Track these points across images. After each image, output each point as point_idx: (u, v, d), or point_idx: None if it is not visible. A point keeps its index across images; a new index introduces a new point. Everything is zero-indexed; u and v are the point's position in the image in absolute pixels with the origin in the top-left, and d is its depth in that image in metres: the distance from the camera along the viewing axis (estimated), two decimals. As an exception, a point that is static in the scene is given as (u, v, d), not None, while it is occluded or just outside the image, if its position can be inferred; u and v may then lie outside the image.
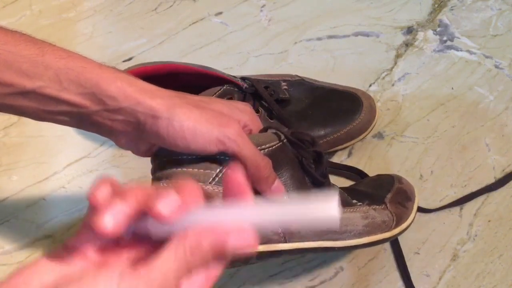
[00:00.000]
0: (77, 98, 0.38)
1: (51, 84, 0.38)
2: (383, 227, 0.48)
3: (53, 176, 0.62)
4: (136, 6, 0.78)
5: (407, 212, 0.51)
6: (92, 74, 0.38)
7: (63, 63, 0.38)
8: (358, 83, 0.68)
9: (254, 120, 0.45)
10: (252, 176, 0.40)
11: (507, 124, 0.65)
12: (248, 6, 0.78)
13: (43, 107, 0.39)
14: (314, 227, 0.42)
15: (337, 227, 0.36)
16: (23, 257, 0.56)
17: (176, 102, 0.39)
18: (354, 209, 0.47)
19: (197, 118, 0.39)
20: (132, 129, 0.40)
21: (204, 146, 0.39)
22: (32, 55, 0.37)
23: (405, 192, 0.53)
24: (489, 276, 0.55)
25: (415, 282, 0.54)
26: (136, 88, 0.39)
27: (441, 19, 0.76)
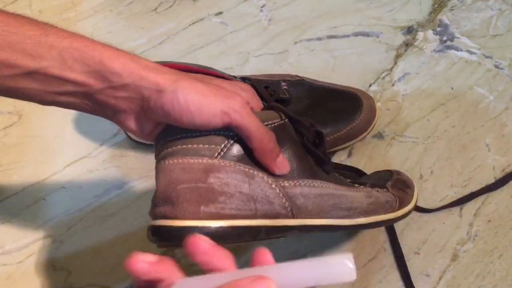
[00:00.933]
0: (82, 76, 0.38)
1: (55, 63, 0.38)
2: (387, 207, 0.49)
3: (53, 176, 0.62)
4: (136, 6, 0.78)
5: (408, 197, 0.52)
6: (95, 52, 0.38)
7: (67, 43, 0.38)
8: (358, 83, 0.68)
9: (255, 99, 0.45)
10: (256, 149, 0.41)
11: (507, 124, 0.66)
12: (248, 6, 0.78)
13: (48, 87, 0.39)
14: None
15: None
16: (23, 257, 0.56)
17: (180, 77, 0.39)
18: (357, 189, 0.48)
19: (201, 91, 0.39)
20: (136, 106, 0.40)
21: (209, 119, 0.39)
22: (36, 35, 0.37)
23: (404, 181, 0.54)
24: (489, 276, 0.55)
25: (415, 282, 0.54)
26: (140, 64, 0.39)
27: (441, 19, 0.76)
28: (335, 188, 0.46)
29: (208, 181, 0.40)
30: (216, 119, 0.39)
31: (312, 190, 0.45)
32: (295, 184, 0.44)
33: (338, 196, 0.46)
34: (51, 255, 0.56)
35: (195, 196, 0.39)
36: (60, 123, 0.66)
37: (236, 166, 0.41)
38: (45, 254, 0.56)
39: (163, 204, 0.40)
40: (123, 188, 0.61)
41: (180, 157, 0.40)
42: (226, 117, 0.39)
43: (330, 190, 0.46)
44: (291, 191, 0.43)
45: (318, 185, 0.45)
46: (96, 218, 0.59)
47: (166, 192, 0.40)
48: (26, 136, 0.65)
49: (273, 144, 0.42)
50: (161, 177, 0.41)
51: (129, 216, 0.59)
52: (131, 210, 0.59)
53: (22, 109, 0.67)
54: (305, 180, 0.44)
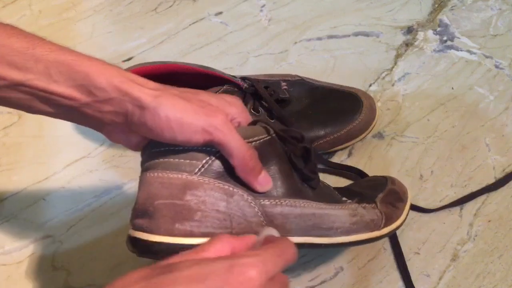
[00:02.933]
0: (67, 90, 0.39)
1: (41, 77, 0.38)
2: (371, 225, 0.48)
3: (53, 176, 0.62)
4: (136, 6, 0.78)
5: (397, 212, 0.51)
6: (81, 66, 0.38)
7: (53, 56, 0.38)
8: (358, 83, 0.68)
9: (243, 113, 0.45)
10: (238, 167, 0.41)
11: (507, 124, 0.65)
12: (248, 6, 0.78)
13: (34, 99, 0.40)
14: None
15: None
16: (23, 257, 0.56)
17: (163, 93, 0.39)
18: (342, 206, 0.47)
19: (183, 108, 0.39)
20: (121, 121, 0.40)
21: (190, 136, 0.39)
22: (23, 48, 0.38)
23: (397, 193, 0.52)
24: (489, 276, 0.55)
25: (415, 282, 0.54)
26: (124, 79, 0.39)
27: (441, 19, 0.76)
28: (318, 207, 0.46)
29: (185, 198, 0.40)
30: (198, 136, 0.39)
31: (293, 210, 0.44)
32: (276, 203, 0.44)
33: (320, 216, 0.45)
34: (51, 255, 0.56)
35: (170, 213, 0.40)
36: (60, 123, 0.65)
37: (215, 183, 0.41)
38: (45, 254, 0.56)
39: (141, 216, 0.41)
40: (123, 188, 0.61)
41: (161, 171, 0.41)
42: (207, 135, 0.39)
43: (312, 209, 0.45)
44: (270, 210, 0.43)
45: (300, 205, 0.45)
46: (96, 218, 0.59)
47: (145, 205, 0.41)
48: (26, 136, 0.65)
49: (255, 162, 0.42)
50: (142, 189, 0.41)
51: (129, 216, 0.58)
52: (131, 210, 0.59)
53: (22, 109, 0.67)
54: (287, 200, 0.44)
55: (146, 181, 0.41)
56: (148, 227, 0.40)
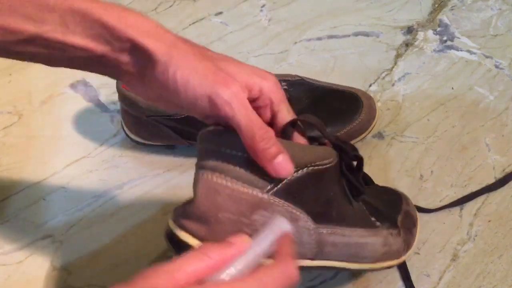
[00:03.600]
0: (84, 41, 0.37)
1: (57, 27, 0.37)
2: (395, 255, 0.49)
3: (53, 176, 0.62)
4: (136, 6, 0.78)
5: (413, 239, 0.51)
6: (97, 15, 0.37)
7: (67, 5, 0.37)
8: (358, 83, 0.68)
9: (274, 89, 0.41)
10: (247, 147, 0.37)
11: (507, 124, 0.65)
12: (248, 6, 0.78)
13: (51, 51, 0.38)
14: None
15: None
16: (23, 257, 0.56)
17: (177, 49, 0.37)
18: (376, 233, 0.47)
19: (192, 69, 0.37)
20: (137, 72, 0.39)
21: (194, 101, 0.37)
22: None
23: (411, 216, 0.52)
24: (489, 276, 0.55)
25: (415, 282, 0.54)
26: (142, 28, 0.37)
27: (441, 19, 0.76)
28: (360, 235, 0.45)
29: (252, 217, 0.38)
30: (202, 103, 0.37)
31: (342, 239, 0.44)
32: (332, 232, 0.43)
33: (360, 245, 0.45)
34: (51, 255, 0.56)
35: (233, 229, 0.38)
36: (60, 123, 0.66)
37: (285, 205, 0.40)
38: (45, 254, 0.56)
39: (197, 221, 0.39)
40: (123, 188, 0.61)
41: (231, 181, 0.38)
42: (212, 104, 0.37)
43: (356, 238, 0.45)
44: (325, 239, 0.43)
45: (348, 233, 0.45)
46: (96, 218, 0.59)
47: (206, 213, 0.38)
48: (26, 136, 0.65)
49: (267, 143, 0.37)
50: (203, 193, 0.39)
51: (129, 216, 0.59)
52: (131, 210, 0.59)
53: (22, 109, 0.67)
54: (342, 228, 0.44)
55: (212, 187, 0.39)
56: (203, 236, 0.38)
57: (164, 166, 0.62)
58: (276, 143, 0.38)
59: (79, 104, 0.67)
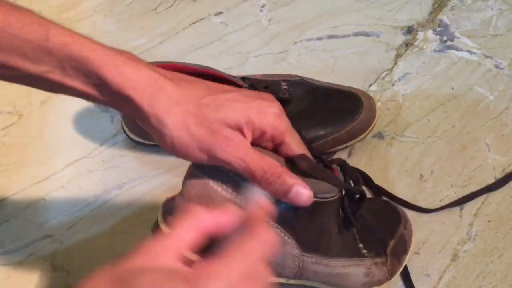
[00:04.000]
0: (83, 87, 0.38)
1: (55, 70, 0.37)
2: (377, 283, 0.49)
3: (53, 176, 0.62)
4: (136, 6, 0.78)
5: (399, 268, 0.51)
6: (94, 65, 0.37)
7: (66, 51, 0.37)
8: (358, 83, 0.68)
9: (277, 124, 0.41)
10: (261, 187, 0.39)
11: (507, 124, 0.65)
12: (248, 6, 0.78)
13: (52, 88, 0.39)
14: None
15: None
16: (23, 257, 0.56)
17: (173, 112, 0.38)
18: (359, 262, 0.48)
19: (189, 136, 0.38)
20: (139, 120, 0.40)
21: (196, 160, 0.39)
22: (36, 40, 0.36)
23: (405, 242, 0.52)
24: (489, 276, 0.55)
25: (415, 282, 0.54)
26: (138, 86, 0.37)
27: (441, 19, 0.76)
28: (343, 266, 0.46)
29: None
30: (202, 160, 0.38)
31: (324, 270, 0.45)
32: (316, 261, 0.44)
33: (342, 276, 0.46)
34: (51, 255, 0.56)
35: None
36: (60, 123, 0.66)
37: (275, 228, 0.40)
38: (45, 254, 0.56)
39: None
40: (123, 188, 0.61)
41: (226, 190, 0.39)
42: (213, 162, 0.38)
43: (338, 269, 0.46)
44: (308, 266, 0.43)
45: (331, 264, 0.45)
46: (96, 218, 0.59)
47: None
48: (26, 136, 0.65)
49: (276, 183, 0.38)
50: (197, 194, 0.39)
51: (129, 216, 0.59)
52: (131, 210, 0.59)
53: (22, 109, 0.67)
54: (326, 259, 0.44)
55: (207, 191, 0.39)
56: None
57: (164, 166, 0.62)
58: (286, 177, 0.38)
59: (79, 104, 0.67)
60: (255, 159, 0.38)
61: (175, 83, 0.39)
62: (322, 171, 0.42)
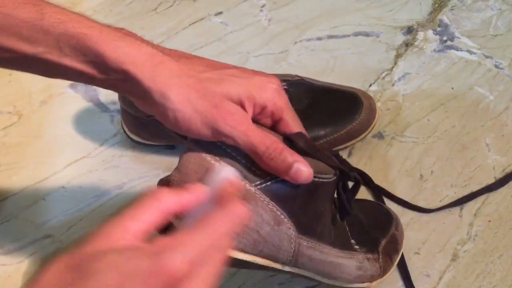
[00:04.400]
0: (80, 65, 0.37)
1: (52, 50, 0.36)
2: (369, 279, 0.49)
3: (53, 176, 0.62)
4: (136, 6, 0.78)
5: (391, 266, 0.51)
6: (91, 42, 0.36)
7: (62, 29, 0.36)
8: (358, 83, 0.68)
9: (276, 100, 0.41)
10: (261, 166, 0.38)
11: (507, 124, 0.65)
12: (248, 6, 0.78)
13: (50, 70, 0.38)
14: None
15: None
16: (23, 257, 0.56)
17: (174, 85, 0.37)
18: (352, 255, 0.47)
19: (191, 108, 0.37)
20: (136, 97, 0.39)
21: (199, 135, 0.38)
22: (31, 19, 0.36)
23: (396, 242, 0.52)
24: (489, 276, 0.55)
25: (415, 282, 0.54)
26: (136, 60, 0.37)
27: (441, 19, 0.76)
28: (336, 255, 0.46)
29: None
30: (205, 135, 0.38)
31: (320, 256, 0.44)
32: (311, 246, 0.43)
33: (335, 265, 0.46)
34: (51, 255, 0.56)
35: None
36: (60, 123, 0.66)
37: (269, 204, 0.40)
38: (45, 254, 0.56)
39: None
40: (123, 188, 0.61)
41: (223, 165, 0.38)
42: (217, 137, 0.38)
43: (332, 257, 0.45)
44: (303, 250, 0.43)
45: (326, 251, 0.45)
46: (96, 218, 0.59)
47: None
48: (26, 136, 0.65)
49: (278, 159, 0.38)
50: (193, 168, 0.39)
51: (129, 216, 0.59)
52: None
53: (22, 109, 0.67)
54: (321, 245, 0.44)
55: (204, 165, 0.38)
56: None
57: (164, 166, 0.62)
58: (287, 154, 0.38)
59: (79, 104, 0.67)
60: (257, 134, 0.38)
61: (174, 58, 0.39)
62: (319, 151, 0.42)
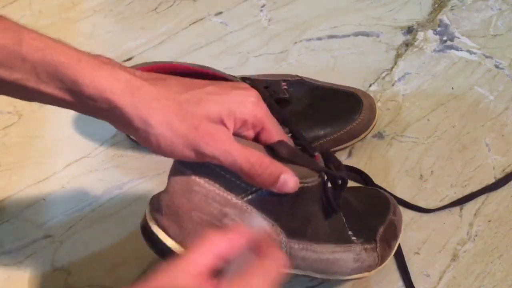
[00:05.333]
0: (58, 92, 0.37)
1: (29, 77, 0.36)
2: (367, 269, 0.49)
3: (53, 176, 0.62)
4: (136, 6, 0.78)
5: (389, 253, 0.51)
6: (69, 70, 0.36)
7: (39, 56, 0.36)
8: (358, 83, 0.68)
9: (255, 113, 0.41)
10: (248, 181, 0.39)
11: (507, 124, 0.65)
12: (248, 6, 0.78)
13: (29, 95, 0.38)
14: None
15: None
16: (23, 257, 0.56)
17: (154, 109, 0.37)
18: (348, 248, 0.47)
19: (174, 133, 0.37)
20: (119, 125, 0.39)
21: (183, 157, 0.38)
22: (9, 45, 0.36)
23: (395, 227, 0.52)
24: (489, 276, 0.55)
25: (415, 282, 0.54)
26: (115, 88, 0.37)
27: (441, 19, 0.76)
28: (331, 251, 0.46)
29: (223, 221, 0.39)
30: (189, 157, 0.38)
31: (312, 256, 0.44)
32: (303, 247, 0.44)
33: (331, 261, 0.46)
34: (51, 255, 0.56)
35: (203, 231, 0.38)
36: (60, 123, 0.66)
37: (257, 215, 0.40)
38: (45, 254, 0.56)
39: (170, 217, 0.39)
40: (123, 188, 0.61)
41: (208, 182, 0.39)
42: (200, 158, 0.38)
43: (327, 255, 0.45)
44: (295, 253, 0.43)
45: (320, 250, 0.45)
46: (96, 218, 0.59)
47: (179, 209, 0.39)
48: (26, 136, 0.65)
49: (263, 173, 0.38)
50: (180, 189, 0.39)
51: (129, 216, 0.59)
52: (131, 210, 0.59)
53: (22, 109, 0.67)
54: (313, 245, 0.44)
55: (189, 185, 0.39)
56: (175, 234, 0.39)
57: (164, 166, 0.62)
58: (271, 166, 0.39)
59: (79, 104, 0.67)
60: (241, 152, 0.38)
61: (151, 82, 0.39)
62: (301, 157, 0.42)
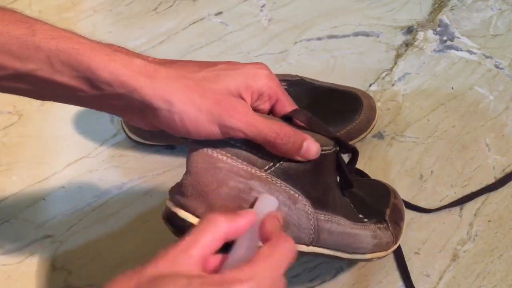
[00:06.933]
0: (72, 81, 0.37)
1: (43, 66, 0.36)
2: (385, 247, 0.50)
3: (53, 176, 0.62)
4: (136, 6, 0.78)
5: (401, 232, 0.52)
6: (84, 56, 0.36)
7: (54, 44, 0.36)
8: (358, 83, 0.68)
9: (269, 85, 0.41)
10: (274, 152, 0.39)
11: (507, 124, 0.65)
12: (248, 6, 0.78)
13: (41, 89, 0.38)
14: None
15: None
16: (23, 257, 0.56)
17: (174, 88, 0.37)
18: (364, 227, 0.48)
19: (196, 109, 0.37)
20: (135, 113, 0.39)
21: (208, 135, 0.38)
22: (22, 35, 0.35)
23: (399, 210, 0.53)
24: (489, 276, 0.55)
25: (415, 282, 0.54)
26: (131, 72, 0.37)
27: (441, 19, 0.76)
28: (351, 227, 0.46)
29: (251, 194, 0.39)
30: (214, 134, 0.38)
31: (338, 228, 0.44)
32: (329, 219, 0.44)
33: (353, 235, 0.46)
34: (51, 255, 0.56)
35: (233, 207, 0.38)
36: (60, 123, 0.66)
37: (282, 186, 0.40)
38: (45, 254, 0.56)
39: (196, 197, 0.38)
40: (123, 188, 0.61)
41: (231, 158, 0.39)
42: (225, 133, 0.38)
43: (348, 228, 0.46)
44: (322, 225, 0.43)
45: (342, 222, 0.45)
46: (96, 218, 0.59)
47: (206, 187, 0.38)
48: (26, 136, 0.65)
49: (287, 142, 0.39)
50: (203, 168, 0.38)
51: (129, 216, 0.59)
52: (131, 210, 0.59)
53: (22, 109, 0.67)
54: (337, 217, 0.44)
55: (213, 162, 0.38)
56: (203, 213, 0.38)
57: (164, 166, 0.62)
58: (294, 135, 0.39)
59: (79, 104, 0.67)
60: (264, 123, 0.39)
61: (165, 66, 0.39)
62: (318, 123, 0.42)
